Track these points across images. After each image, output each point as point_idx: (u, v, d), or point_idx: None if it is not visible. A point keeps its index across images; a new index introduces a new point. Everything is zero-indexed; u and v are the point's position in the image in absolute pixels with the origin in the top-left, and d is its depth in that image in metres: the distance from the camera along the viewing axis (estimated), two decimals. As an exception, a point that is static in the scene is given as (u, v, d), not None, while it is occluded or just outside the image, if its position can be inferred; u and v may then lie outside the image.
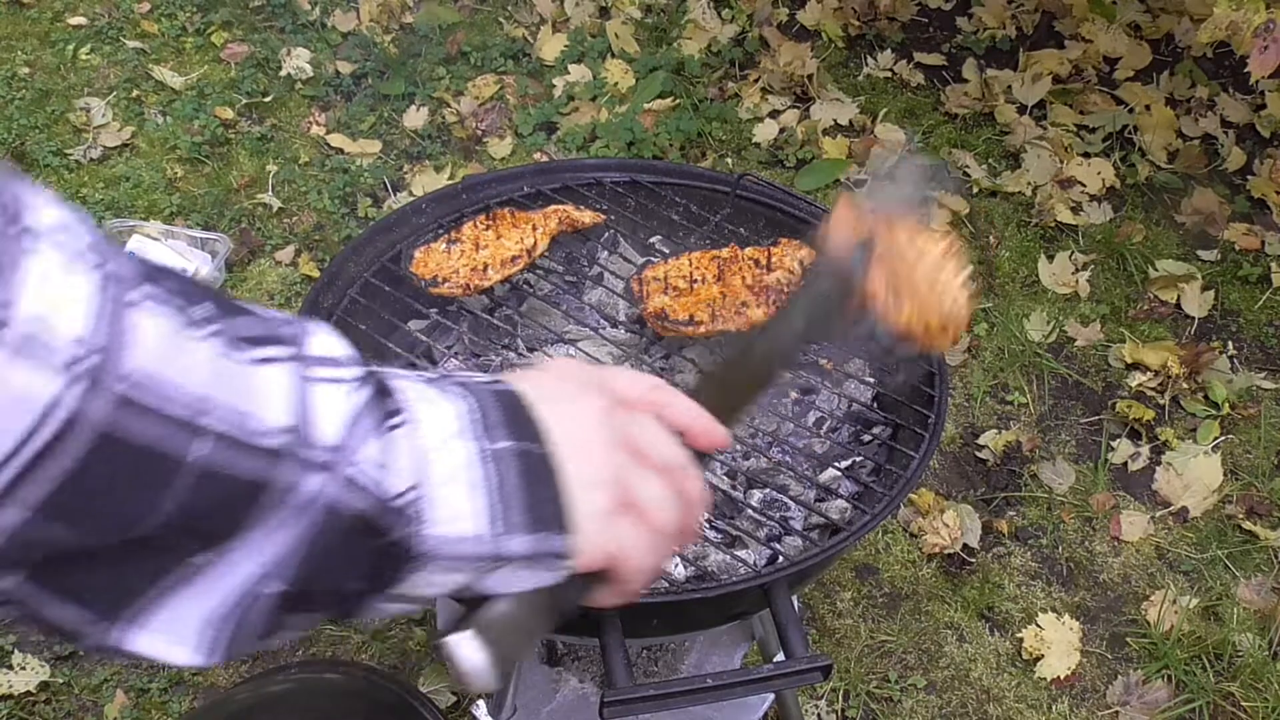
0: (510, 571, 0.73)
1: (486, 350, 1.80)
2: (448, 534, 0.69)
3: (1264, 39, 2.61)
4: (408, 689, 1.87)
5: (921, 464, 1.53)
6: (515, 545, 0.71)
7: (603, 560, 0.75)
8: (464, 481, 0.69)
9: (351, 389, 0.67)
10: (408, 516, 0.67)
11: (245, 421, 0.60)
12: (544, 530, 0.72)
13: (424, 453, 0.69)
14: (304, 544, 0.63)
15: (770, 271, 1.73)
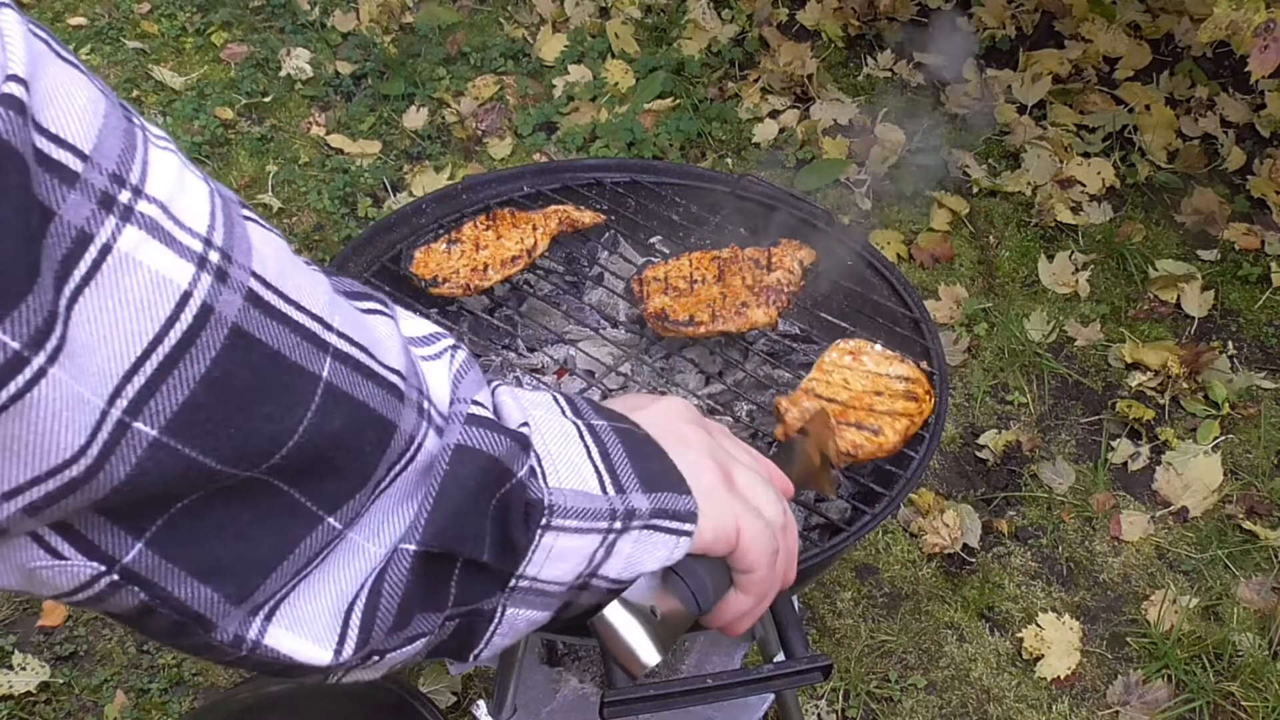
0: (635, 541, 0.70)
1: (487, 350, 1.80)
2: (568, 486, 0.66)
3: (1264, 38, 2.61)
4: (408, 689, 1.87)
5: (921, 464, 1.53)
6: (636, 501, 0.69)
7: (726, 535, 0.74)
8: (573, 441, 0.68)
9: (450, 356, 0.66)
10: (529, 455, 0.65)
11: (371, 351, 0.58)
12: (661, 490, 0.70)
13: (529, 407, 0.68)
14: (434, 493, 0.60)
15: (770, 271, 1.73)
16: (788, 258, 1.75)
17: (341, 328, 0.56)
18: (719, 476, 0.75)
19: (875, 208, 3.50)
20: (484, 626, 0.67)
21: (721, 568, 0.78)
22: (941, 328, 3.12)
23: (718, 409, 1.70)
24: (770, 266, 1.73)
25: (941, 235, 3.39)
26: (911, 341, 1.70)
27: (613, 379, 1.73)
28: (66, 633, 2.44)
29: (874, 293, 1.80)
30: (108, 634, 2.45)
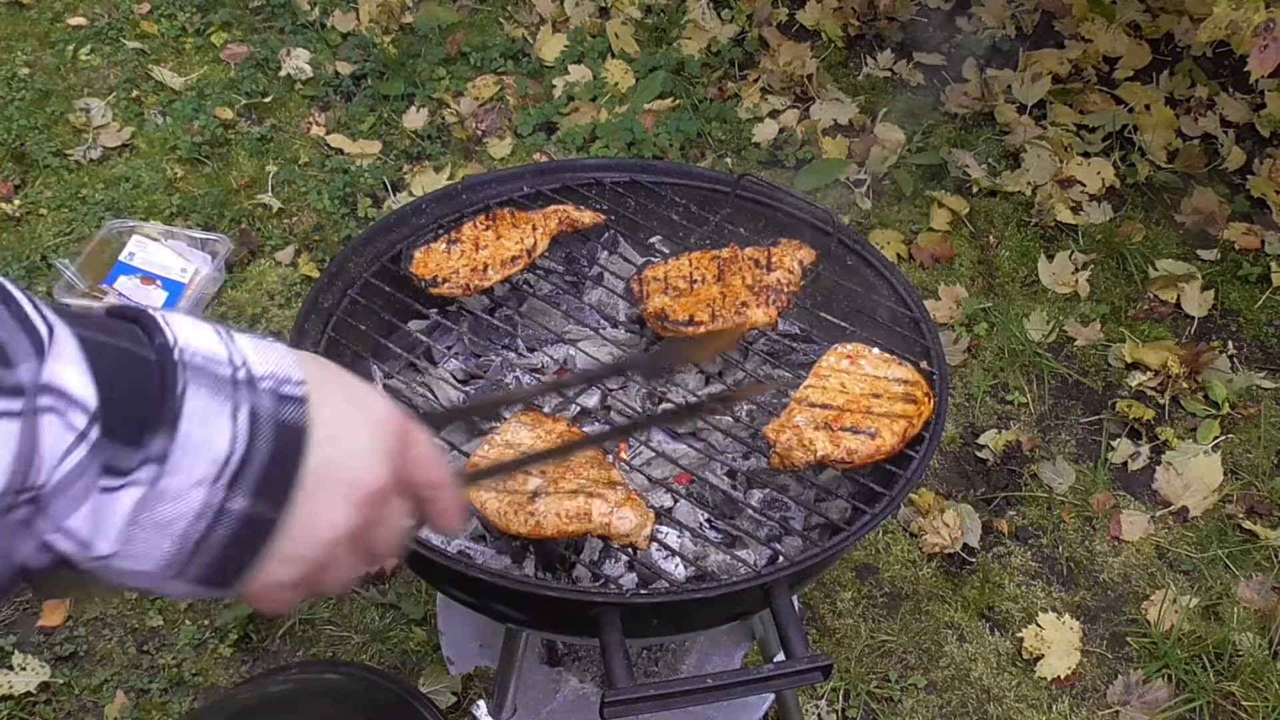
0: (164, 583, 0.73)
1: (487, 350, 1.80)
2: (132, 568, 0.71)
3: (1264, 38, 2.61)
4: (408, 689, 1.87)
5: (921, 464, 1.53)
6: (175, 588, 0.73)
7: (249, 600, 0.79)
8: (171, 530, 0.71)
9: (79, 441, 0.66)
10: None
11: None
12: (211, 587, 0.75)
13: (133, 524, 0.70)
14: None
15: (770, 271, 1.73)
16: (788, 258, 1.75)
17: None
18: (300, 575, 0.78)
19: (875, 207, 3.50)
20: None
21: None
22: (941, 327, 3.12)
23: (718, 408, 1.70)
24: (770, 266, 1.73)
25: (941, 235, 3.39)
26: (911, 341, 1.70)
27: (612, 379, 1.73)
28: (66, 633, 2.44)
29: (874, 292, 1.79)
30: (108, 634, 2.45)
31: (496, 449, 1.48)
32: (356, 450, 0.78)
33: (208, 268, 3.13)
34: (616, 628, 1.33)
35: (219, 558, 0.73)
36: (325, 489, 0.76)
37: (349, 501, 0.78)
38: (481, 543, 1.60)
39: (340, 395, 0.79)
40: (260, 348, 0.75)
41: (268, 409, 0.73)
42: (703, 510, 1.60)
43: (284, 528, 0.75)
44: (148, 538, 0.70)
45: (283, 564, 0.76)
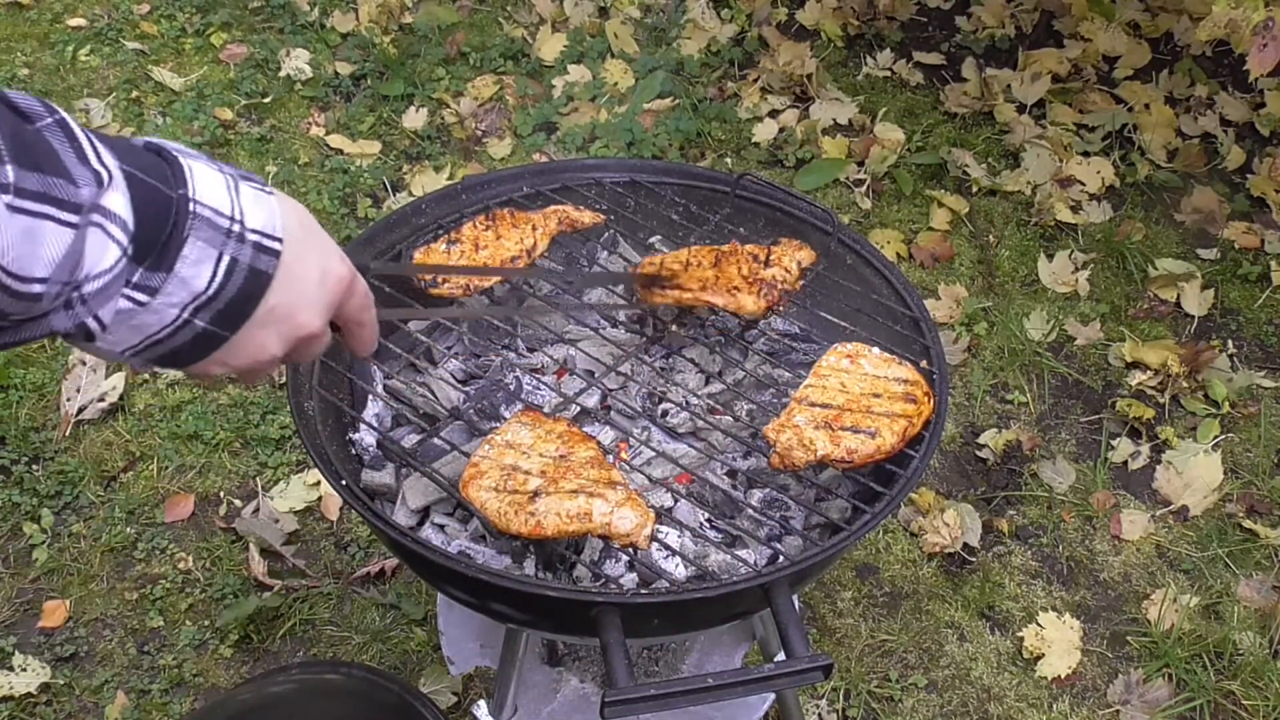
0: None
1: (486, 350, 1.80)
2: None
3: (1263, 37, 2.61)
4: (408, 689, 1.87)
5: (921, 463, 1.53)
6: (131, 363, 0.93)
7: (185, 373, 0.98)
8: (143, 331, 0.90)
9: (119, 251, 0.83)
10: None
11: (13, 271, 0.77)
12: (160, 367, 0.97)
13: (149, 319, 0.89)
14: None
15: (768, 267, 1.73)
16: (786, 257, 1.75)
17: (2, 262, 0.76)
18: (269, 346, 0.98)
19: (875, 207, 3.50)
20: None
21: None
22: (941, 327, 3.12)
23: (718, 408, 1.70)
24: (768, 263, 1.73)
25: (941, 234, 3.40)
26: (911, 341, 1.70)
27: (613, 379, 1.73)
28: (67, 634, 2.44)
29: (874, 292, 1.79)
30: (108, 635, 2.45)
31: (497, 449, 1.48)
32: (304, 303, 0.98)
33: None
34: (617, 627, 1.33)
35: (172, 352, 0.93)
36: (269, 326, 0.96)
37: (283, 338, 0.98)
38: (482, 543, 1.60)
39: (308, 251, 0.97)
40: (257, 201, 0.92)
41: (247, 259, 0.91)
42: (703, 510, 1.60)
43: (228, 344, 0.95)
44: (124, 333, 0.89)
45: (218, 365, 0.97)
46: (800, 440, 1.51)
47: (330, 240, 1.02)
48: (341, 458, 1.59)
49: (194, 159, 0.90)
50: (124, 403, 2.86)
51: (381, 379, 1.75)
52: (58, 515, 2.65)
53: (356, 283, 1.05)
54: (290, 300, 0.96)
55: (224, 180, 0.91)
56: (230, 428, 2.81)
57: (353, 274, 1.04)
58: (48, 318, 0.83)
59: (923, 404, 1.57)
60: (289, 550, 2.59)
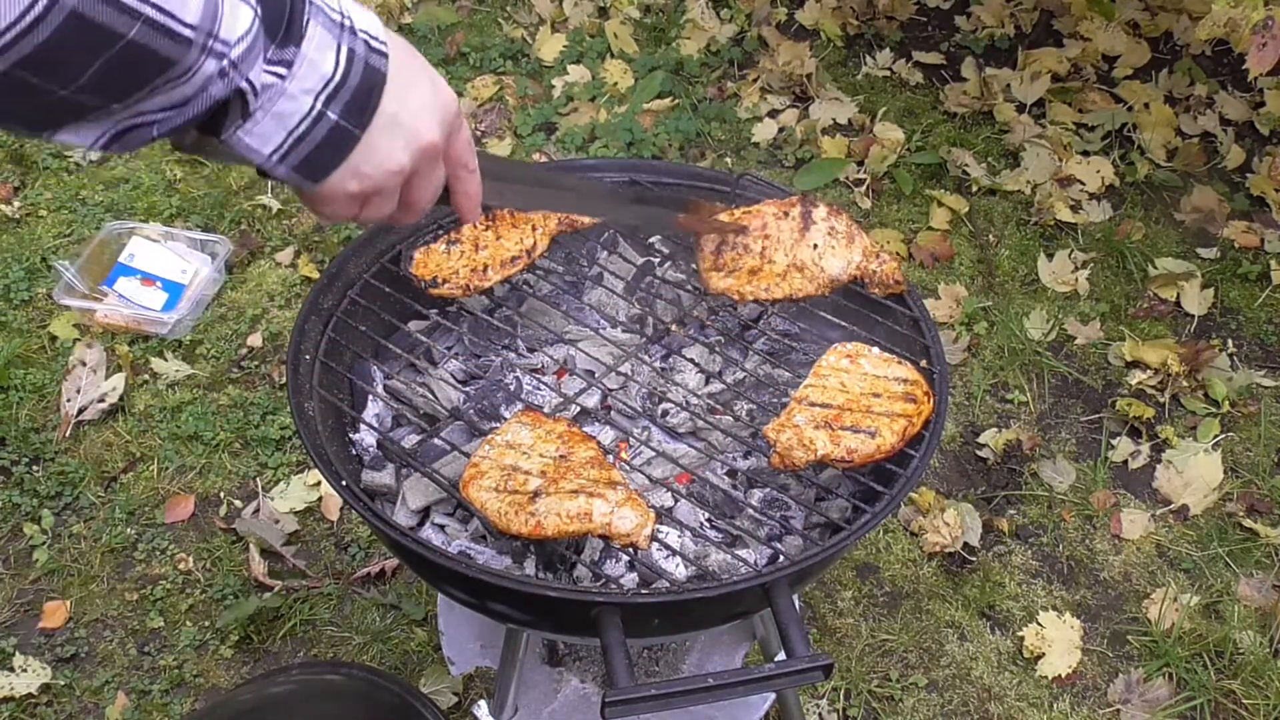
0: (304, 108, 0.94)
1: (487, 350, 1.81)
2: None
3: (1262, 36, 2.61)
4: (409, 690, 1.87)
5: (922, 463, 1.53)
6: (277, 170, 0.95)
7: (319, 200, 1.02)
8: (286, 123, 0.93)
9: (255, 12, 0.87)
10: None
11: (174, 14, 0.81)
12: (302, 176, 0.97)
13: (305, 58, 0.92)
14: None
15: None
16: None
17: (159, 2, 0.80)
18: (354, 195, 1.02)
19: (874, 207, 3.50)
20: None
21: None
22: (941, 326, 3.12)
23: (718, 408, 1.70)
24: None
25: (941, 234, 3.40)
26: (911, 340, 1.70)
27: (613, 379, 1.73)
28: (67, 634, 2.44)
29: (874, 292, 1.79)
30: (109, 636, 2.45)
31: (497, 449, 1.48)
32: (420, 112, 1.02)
33: (208, 269, 3.13)
34: (617, 627, 1.33)
35: (313, 153, 0.95)
36: (393, 130, 1.00)
37: (408, 147, 1.01)
38: (482, 543, 1.60)
39: (416, 68, 1.02)
40: (360, 10, 0.97)
41: (362, 52, 0.95)
42: (703, 510, 1.60)
43: (360, 146, 0.98)
44: (269, 124, 0.92)
45: (353, 177, 0.99)
46: (800, 440, 1.51)
47: (431, 68, 1.05)
48: (342, 458, 1.59)
49: None
50: (124, 403, 2.86)
51: (381, 379, 1.75)
52: (58, 516, 2.65)
53: (462, 117, 1.09)
54: (409, 108, 1.00)
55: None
56: (230, 428, 2.81)
57: (459, 104, 1.07)
58: (207, 80, 0.86)
59: (923, 403, 1.57)
60: (289, 551, 2.59)
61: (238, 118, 0.91)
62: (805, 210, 1.73)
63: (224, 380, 2.94)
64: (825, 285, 1.70)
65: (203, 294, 3.10)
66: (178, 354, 2.99)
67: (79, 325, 3.02)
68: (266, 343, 3.04)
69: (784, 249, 1.72)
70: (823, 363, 1.63)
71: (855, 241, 1.72)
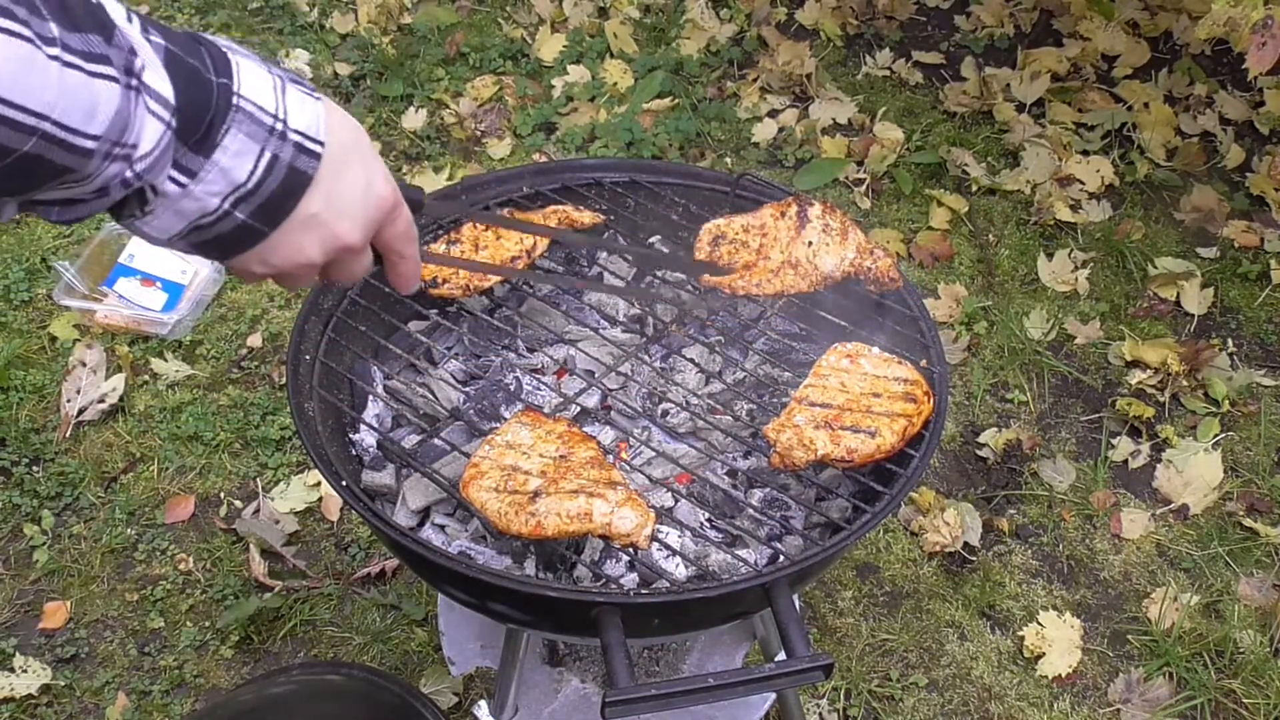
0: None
1: (487, 351, 1.81)
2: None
3: (1261, 35, 2.61)
4: (409, 690, 1.87)
5: (922, 463, 1.53)
6: (175, 247, 0.96)
7: (226, 267, 1.01)
8: (185, 217, 0.92)
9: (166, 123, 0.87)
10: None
11: (74, 128, 0.80)
12: (200, 255, 0.97)
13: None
14: None
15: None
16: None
17: (54, 115, 0.79)
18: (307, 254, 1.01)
19: (874, 206, 3.50)
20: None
21: None
22: (941, 326, 3.12)
23: (718, 408, 1.70)
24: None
25: (941, 234, 3.40)
26: (911, 340, 1.70)
27: (613, 379, 1.73)
28: (68, 635, 2.45)
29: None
30: (109, 636, 2.45)
31: (497, 449, 1.48)
32: (344, 213, 1.00)
33: (208, 269, 3.13)
34: (617, 627, 1.33)
35: (213, 242, 0.96)
36: (308, 228, 0.98)
37: (322, 245, 1.00)
38: (482, 543, 1.60)
39: (353, 163, 1.00)
40: (302, 104, 0.95)
41: (287, 157, 0.94)
42: (703, 510, 1.60)
43: (267, 242, 0.97)
44: (169, 218, 0.92)
45: (258, 263, 1.00)
46: (800, 440, 1.51)
47: (379, 160, 1.03)
48: (342, 458, 1.59)
49: (244, 57, 0.94)
50: (124, 404, 2.86)
51: (381, 379, 1.75)
52: (58, 517, 2.65)
53: (401, 209, 1.06)
54: (331, 208, 0.99)
55: (272, 81, 0.94)
56: (230, 429, 2.81)
57: (397, 198, 1.05)
58: (107, 182, 0.86)
59: (923, 403, 1.57)
60: (289, 551, 2.59)
61: (136, 209, 0.91)
62: (801, 209, 1.73)
63: (224, 381, 2.94)
64: (818, 282, 1.70)
65: (203, 294, 3.10)
66: (178, 354, 2.99)
67: (79, 326, 3.02)
68: (266, 343, 3.04)
69: (780, 246, 1.72)
70: (823, 362, 1.63)
71: (849, 238, 1.72)
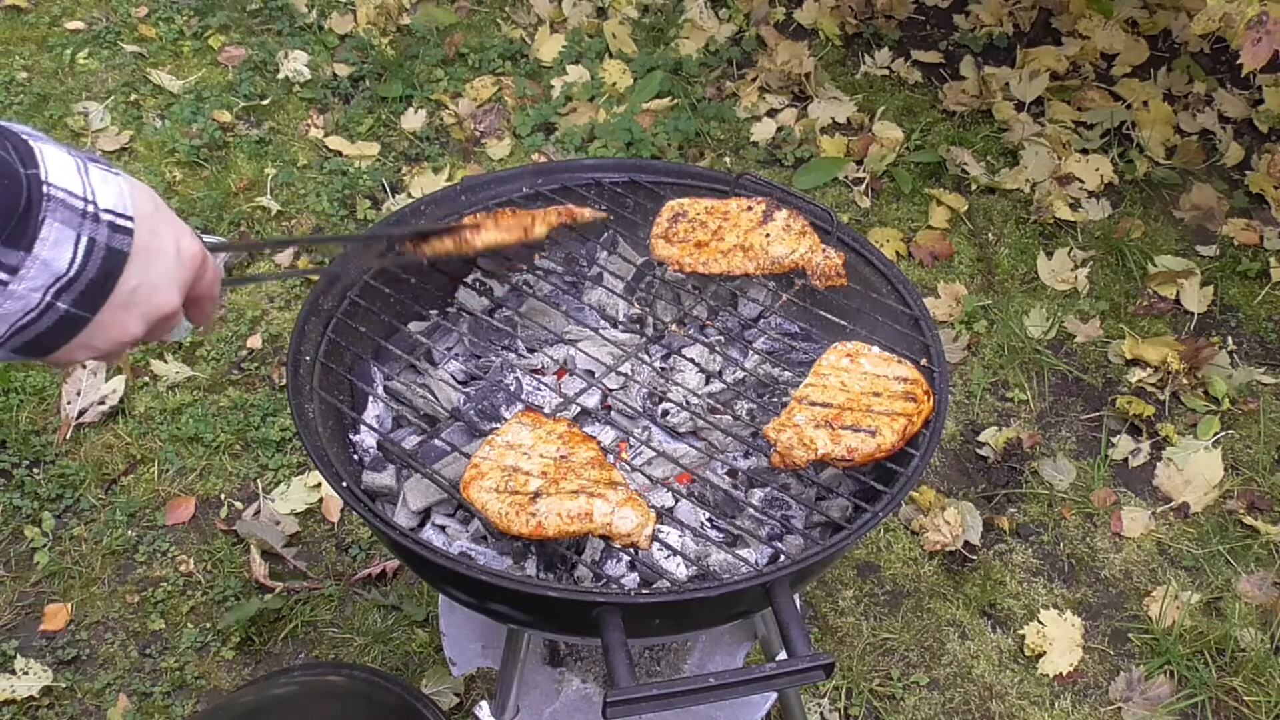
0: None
1: (487, 351, 1.81)
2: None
3: (1257, 31, 2.61)
4: (410, 690, 1.87)
5: (922, 462, 1.53)
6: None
7: (49, 362, 1.00)
8: (6, 318, 0.91)
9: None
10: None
11: None
12: (25, 357, 0.96)
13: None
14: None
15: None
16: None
17: None
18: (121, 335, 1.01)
19: (874, 206, 3.50)
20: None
21: None
22: (941, 325, 3.12)
23: (718, 407, 1.70)
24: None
25: (940, 233, 3.40)
26: (911, 339, 1.71)
27: (613, 379, 1.73)
28: (69, 637, 2.45)
29: (874, 290, 1.80)
30: (110, 638, 2.45)
31: (498, 449, 1.48)
32: (160, 282, 1.02)
33: (207, 271, 3.12)
34: (618, 628, 1.33)
35: (37, 338, 0.95)
36: (129, 306, 0.99)
37: (144, 317, 1.02)
38: (483, 544, 1.60)
39: (162, 232, 1.01)
40: (105, 182, 0.95)
41: (103, 239, 0.94)
42: (704, 509, 1.60)
43: (91, 326, 0.98)
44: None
45: (82, 349, 1.00)
46: (801, 439, 1.51)
47: (178, 218, 1.05)
48: (342, 459, 1.59)
49: (43, 142, 0.93)
50: (124, 406, 2.86)
51: (382, 380, 1.75)
52: (59, 518, 2.65)
53: (208, 258, 1.10)
54: (149, 280, 1.00)
55: (73, 162, 0.93)
56: (231, 430, 2.82)
57: (204, 249, 1.08)
58: None
59: (923, 402, 1.57)
60: (290, 552, 2.59)
61: None
62: (770, 209, 1.78)
63: (224, 382, 2.94)
64: (765, 266, 1.74)
65: (202, 296, 3.10)
66: (177, 356, 2.99)
67: (79, 328, 3.02)
68: (266, 344, 3.04)
69: (738, 232, 1.77)
70: (823, 362, 1.63)
71: (806, 237, 1.76)
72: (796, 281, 1.75)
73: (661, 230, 1.78)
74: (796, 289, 1.76)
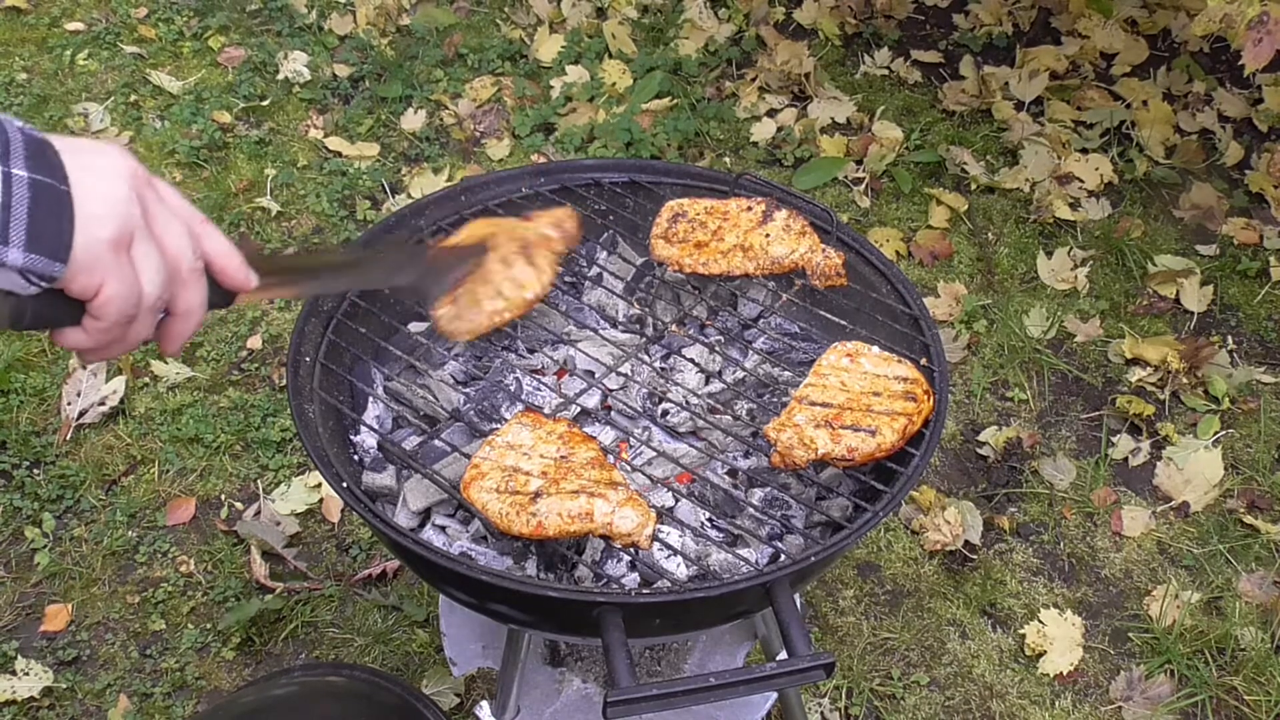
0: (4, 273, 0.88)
1: (486, 351, 1.81)
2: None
3: (1258, 31, 2.61)
4: (411, 691, 1.87)
5: (922, 461, 1.53)
6: (11, 256, 0.87)
7: (87, 288, 0.91)
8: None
9: None
10: None
11: None
12: (40, 253, 0.88)
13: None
14: None
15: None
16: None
17: None
18: (114, 231, 0.91)
19: (874, 205, 3.50)
20: None
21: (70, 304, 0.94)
22: (941, 325, 3.12)
23: (718, 407, 1.70)
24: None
25: (940, 232, 3.40)
26: (911, 339, 1.71)
27: (613, 379, 1.73)
28: (69, 637, 2.45)
29: (873, 290, 1.80)
30: (110, 639, 2.45)
31: (498, 450, 1.48)
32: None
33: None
34: (619, 627, 1.33)
35: (33, 221, 0.87)
36: (91, 160, 0.91)
37: (126, 164, 0.93)
38: (483, 544, 1.60)
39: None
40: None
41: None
42: (704, 509, 1.60)
43: (72, 193, 0.89)
44: None
45: (93, 221, 0.90)
46: (801, 439, 1.51)
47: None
48: (342, 460, 1.59)
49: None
50: (124, 406, 2.86)
51: (382, 381, 1.75)
52: (59, 519, 2.65)
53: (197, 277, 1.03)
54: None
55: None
56: (231, 431, 2.82)
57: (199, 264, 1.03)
58: None
59: (923, 402, 1.57)
60: (290, 553, 2.59)
61: None
62: (769, 210, 1.77)
63: (224, 383, 2.94)
64: (765, 266, 1.74)
65: (202, 296, 3.10)
66: (178, 357, 2.99)
67: (79, 328, 3.02)
68: (266, 345, 3.04)
69: (737, 232, 1.76)
70: (823, 361, 1.64)
71: (806, 237, 1.76)
72: (796, 281, 1.76)
73: (661, 230, 1.78)
74: (796, 289, 1.76)
